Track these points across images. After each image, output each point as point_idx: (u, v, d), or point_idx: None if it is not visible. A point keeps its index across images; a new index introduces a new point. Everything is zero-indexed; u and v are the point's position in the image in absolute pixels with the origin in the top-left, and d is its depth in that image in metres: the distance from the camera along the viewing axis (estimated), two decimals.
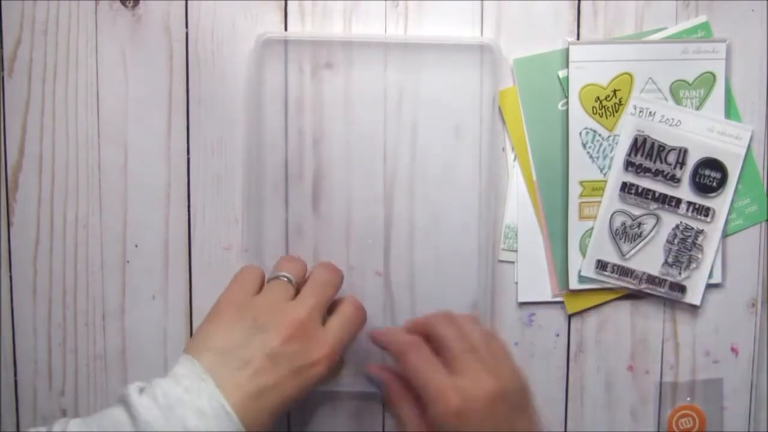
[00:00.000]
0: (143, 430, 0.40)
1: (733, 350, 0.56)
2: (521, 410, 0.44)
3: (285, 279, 0.49)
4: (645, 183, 0.54)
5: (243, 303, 0.47)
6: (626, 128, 0.54)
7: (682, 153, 0.54)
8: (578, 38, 0.54)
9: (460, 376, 0.43)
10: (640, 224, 0.55)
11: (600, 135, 0.54)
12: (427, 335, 0.47)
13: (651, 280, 0.55)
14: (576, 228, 0.55)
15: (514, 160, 0.55)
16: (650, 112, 0.54)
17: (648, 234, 0.55)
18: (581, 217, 0.55)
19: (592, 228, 0.55)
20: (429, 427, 0.43)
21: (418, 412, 0.45)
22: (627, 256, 0.55)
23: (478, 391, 0.42)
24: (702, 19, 0.54)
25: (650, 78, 0.54)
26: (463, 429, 0.42)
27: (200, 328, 0.47)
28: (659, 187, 0.54)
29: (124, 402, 0.42)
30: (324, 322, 0.48)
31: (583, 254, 0.55)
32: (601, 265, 0.55)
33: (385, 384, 0.48)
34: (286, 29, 0.54)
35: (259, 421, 0.43)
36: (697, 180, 0.54)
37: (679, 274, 0.55)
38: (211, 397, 0.42)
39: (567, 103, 0.54)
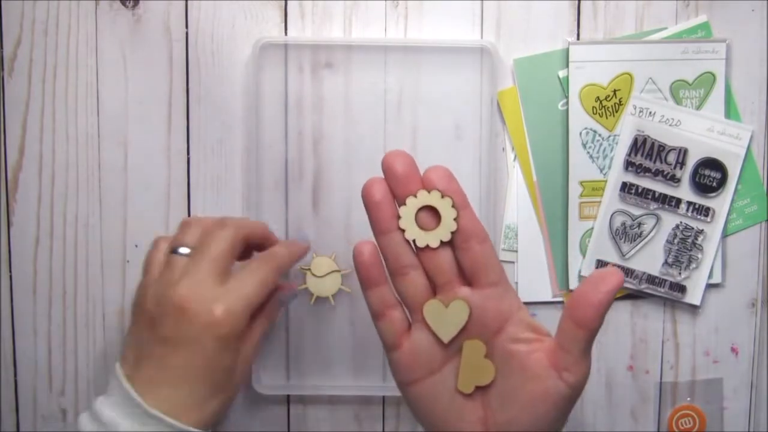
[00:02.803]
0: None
1: (733, 350, 0.56)
2: None
3: (181, 254, 0.46)
4: (645, 183, 0.54)
5: (139, 299, 0.46)
6: (626, 128, 0.54)
7: (682, 153, 0.54)
8: (578, 38, 0.54)
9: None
10: (640, 224, 0.55)
11: (600, 135, 0.54)
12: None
13: (651, 280, 0.55)
14: (576, 228, 0.55)
15: (514, 160, 0.55)
16: (650, 112, 0.54)
17: (648, 234, 0.55)
18: (581, 217, 0.55)
19: (592, 228, 0.55)
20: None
21: None
22: (627, 256, 0.55)
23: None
24: (702, 19, 0.54)
25: (650, 78, 0.54)
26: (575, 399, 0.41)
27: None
28: (659, 187, 0.54)
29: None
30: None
31: (583, 254, 0.55)
32: (601, 265, 0.55)
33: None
34: (286, 29, 0.54)
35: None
36: (697, 180, 0.54)
37: (679, 274, 0.55)
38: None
39: (567, 103, 0.54)
